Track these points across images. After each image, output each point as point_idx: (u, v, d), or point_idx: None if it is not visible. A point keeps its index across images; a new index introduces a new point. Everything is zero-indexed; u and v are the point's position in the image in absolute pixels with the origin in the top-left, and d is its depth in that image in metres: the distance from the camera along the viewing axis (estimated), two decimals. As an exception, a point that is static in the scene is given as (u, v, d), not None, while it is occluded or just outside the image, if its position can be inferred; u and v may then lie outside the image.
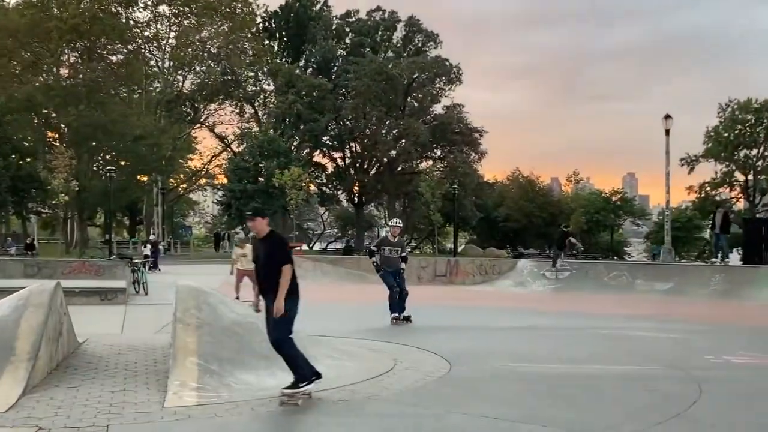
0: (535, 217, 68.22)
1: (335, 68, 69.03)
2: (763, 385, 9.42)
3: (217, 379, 8.42)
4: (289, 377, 8.17)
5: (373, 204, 77.68)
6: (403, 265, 15.70)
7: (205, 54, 64.59)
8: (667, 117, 35.60)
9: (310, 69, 69.32)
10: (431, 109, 68.80)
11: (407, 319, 15.56)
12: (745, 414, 7.79)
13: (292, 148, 63.61)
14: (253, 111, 69.33)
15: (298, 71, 66.52)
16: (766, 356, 11.85)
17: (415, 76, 65.76)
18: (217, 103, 68.49)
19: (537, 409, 7.81)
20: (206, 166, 73.56)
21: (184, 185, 75.93)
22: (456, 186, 56.41)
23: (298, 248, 46.18)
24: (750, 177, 61.37)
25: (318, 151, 69.55)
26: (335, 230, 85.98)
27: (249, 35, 65.73)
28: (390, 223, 16.45)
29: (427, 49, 70.93)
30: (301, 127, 64.25)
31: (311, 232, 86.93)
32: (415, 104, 67.78)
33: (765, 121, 59.12)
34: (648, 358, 11.26)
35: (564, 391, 8.84)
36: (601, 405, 8.15)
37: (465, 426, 7.05)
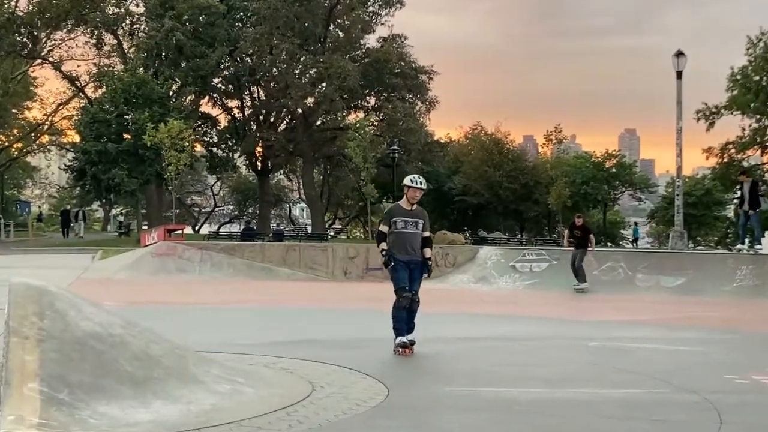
0: (502, 189, 68.81)
1: (230, -17, 68.52)
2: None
3: (67, 412, 8.31)
4: (170, 408, 8.12)
5: (282, 171, 77.47)
6: (427, 252, 13.76)
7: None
8: (680, 54, 36.22)
9: (196, -16, 68.61)
10: (362, 42, 68.64)
11: (412, 344, 13.59)
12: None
13: (171, 93, 62.75)
14: (115, 42, 68.14)
15: (178, -13, 65.87)
16: (806, 374, 12.21)
17: (339, -5, 65.74)
18: (64, 30, 67.18)
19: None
20: (50, 118, 72.21)
21: (19, 144, 74.43)
22: (396, 147, 56.52)
23: (179, 232, 45.72)
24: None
25: (207, 98, 68.80)
26: (231, 207, 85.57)
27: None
28: (406, 182, 13.77)
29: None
30: (183, 64, 63.36)
31: (198, 209, 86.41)
32: (340, 34, 67.52)
33: (808, 59, 60.36)
34: (651, 378, 11.48)
35: (538, 422, 8.96)
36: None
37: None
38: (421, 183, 13.63)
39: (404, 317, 13.46)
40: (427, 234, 13.71)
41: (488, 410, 9.47)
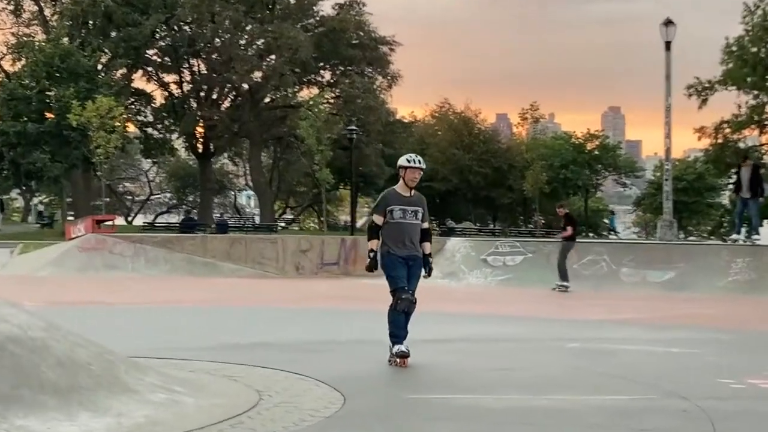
0: (473, 174, 68.99)
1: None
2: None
3: (-20, 428, 8.26)
4: (98, 421, 8.05)
5: (226, 155, 77.13)
6: (427, 247, 13.08)
7: None
8: (668, 23, 36.41)
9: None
10: (316, 9, 68.40)
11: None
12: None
13: (100, 67, 62.35)
14: (36, 9, 67.64)
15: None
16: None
17: (290, -45, 65.50)
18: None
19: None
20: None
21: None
22: (354, 127, 56.42)
23: (110, 223, 45.45)
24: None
25: (140, 72, 68.32)
26: (168, 195, 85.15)
27: None
28: (402, 162, 13.06)
29: None
30: (114, 34, 62.98)
31: (131, 198, 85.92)
32: (291, 1, 67.24)
33: (813, 29, 60.90)
34: (637, 383, 11.56)
35: (516, 430, 9.01)
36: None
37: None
38: (419, 162, 12.97)
39: (403, 322, 12.87)
40: (426, 225, 12.98)
41: (456, 420, 9.48)
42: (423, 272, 12.99)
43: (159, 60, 68.00)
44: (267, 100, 67.85)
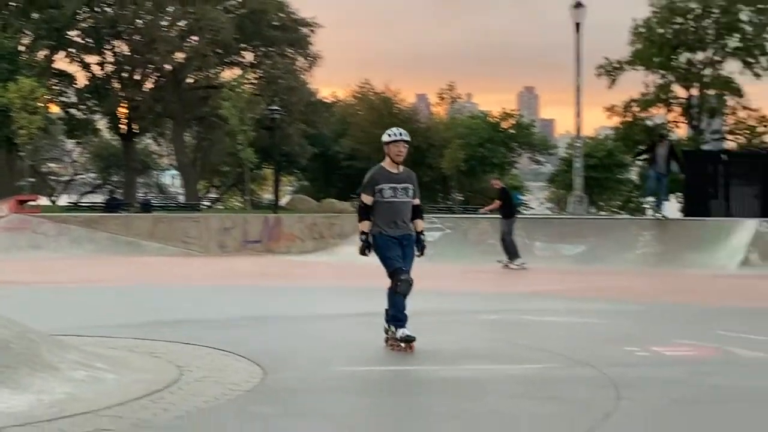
0: (393, 151, 69.05)
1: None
2: (703, 388, 9.97)
3: None
4: (19, 399, 7.97)
5: (150, 135, 76.35)
6: (420, 224, 12.20)
7: None
8: (578, 5, 36.66)
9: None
10: (237, -9, 68.03)
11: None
12: (676, 429, 8.23)
13: (20, 48, 61.40)
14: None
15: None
16: (710, 345, 12.58)
17: (210, -61, 64.98)
18: None
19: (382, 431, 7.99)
20: None
21: None
22: (276, 107, 56.21)
23: (33, 203, 44.84)
24: (694, 92, 64.14)
25: (62, 53, 67.31)
26: (92, 175, 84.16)
27: None
28: (384, 138, 12.11)
29: None
30: (35, 15, 62.12)
31: (55, 178, 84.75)
32: (213, -18, 66.81)
33: (715, 11, 61.63)
34: (550, 353, 11.68)
35: (428, 402, 9.05)
36: (481, 421, 8.39)
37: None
38: (402, 134, 11.92)
39: (404, 304, 11.97)
40: (417, 201, 12.02)
41: (375, 391, 9.52)
42: (417, 251, 12.14)
43: (81, 41, 66.93)
44: (190, 80, 67.33)
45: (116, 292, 20.66)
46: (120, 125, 69.06)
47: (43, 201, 63.19)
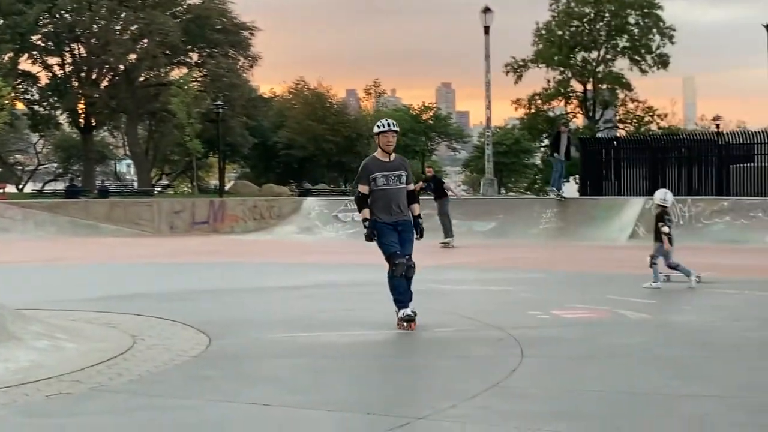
0: (326, 142, 68.83)
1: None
2: (596, 345, 10.13)
3: None
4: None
5: (106, 128, 75.48)
6: (416, 209, 11.36)
7: None
8: (487, 10, 36.80)
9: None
10: (183, -1, 67.39)
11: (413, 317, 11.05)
12: (572, 381, 8.33)
13: (-12, 51, 60.46)
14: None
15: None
16: (602, 308, 12.75)
17: (158, -49, 64.26)
18: None
19: (320, 390, 7.98)
20: None
21: None
22: (220, 102, 55.86)
23: (1, 190, 44.31)
24: (589, 87, 64.78)
25: (26, 55, 66.28)
26: (55, 165, 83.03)
27: None
28: (375, 129, 11.26)
29: None
30: (0, 22, 61.11)
31: (21, 168, 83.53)
32: (161, -9, 66.09)
33: (607, 15, 62.31)
34: (462, 317, 11.78)
35: (356, 363, 9.09)
36: (404, 378, 8.45)
37: (223, 417, 7.07)
38: (390, 125, 11.13)
39: (404, 287, 11.16)
40: (412, 186, 11.24)
41: (306, 355, 9.52)
42: (416, 234, 11.33)
43: (43, 44, 65.98)
44: (141, 79, 66.60)
45: (76, 270, 20.43)
46: (79, 120, 68.22)
47: (10, 188, 62.36)
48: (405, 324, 10.78)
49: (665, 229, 15.49)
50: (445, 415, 7.06)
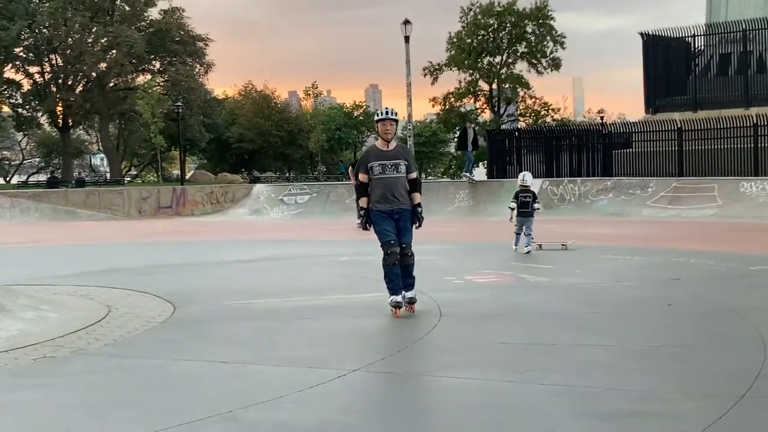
0: (272, 136, 68.45)
1: (26, -34, 64.82)
2: (502, 304, 10.25)
3: None
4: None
5: (82, 127, 74.26)
6: (416, 197, 9.61)
7: None
8: (407, 23, 36.83)
9: (-6, -34, 64.52)
10: (146, 14, 66.18)
11: (411, 302, 9.68)
12: (481, 335, 8.42)
13: (-25, 62, 59.12)
14: None
15: (-22, -32, 61.83)
16: (506, 273, 12.91)
17: (124, -25, 63.26)
18: None
19: (270, 348, 7.98)
20: None
21: None
22: (180, 104, 55.26)
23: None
24: (494, 86, 65.13)
25: (10, 65, 64.94)
26: (37, 159, 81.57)
27: None
28: (375, 118, 9.86)
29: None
30: (-14, 36, 59.86)
31: (8, 162, 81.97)
32: (126, 8, 64.87)
33: (508, 26, 62.63)
34: (390, 284, 11.82)
35: (302, 325, 9.09)
36: (339, 337, 8.47)
37: (193, 373, 7.06)
38: (389, 113, 9.56)
39: (395, 274, 9.55)
40: (413, 175, 9.58)
41: (258, 319, 9.51)
42: (415, 223, 9.70)
43: (24, 55, 64.66)
44: (111, 84, 65.53)
45: (57, 250, 20.11)
46: (58, 120, 67.05)
47: (-1, 181, 61.18)
48: (393, 309, 9.39)
49: (536, 206, 16.34)
50: (375, 366, 7.11)
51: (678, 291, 11.06)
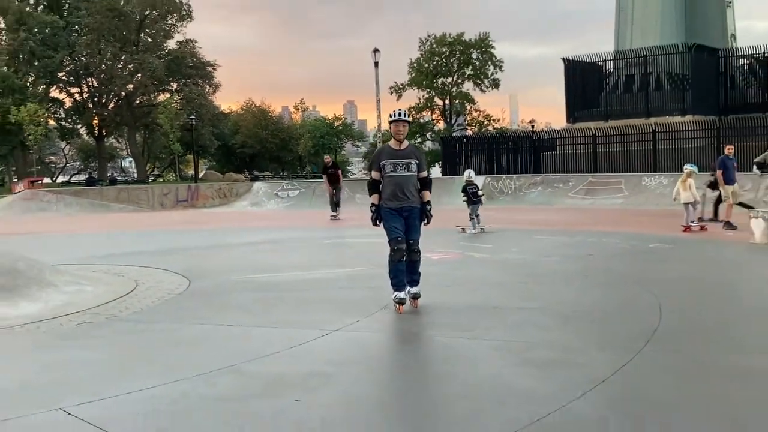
0: (268, 143, 68.17)
1: (67, 5, 63.58)
2: (453, 276, 10.29)
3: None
4: (33, 305, 7.67)
5: (113, 136, 73.50)
6: (426, 196, 8.09)
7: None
8: (376, 51, 36.77)
9: (41, 6, 63.25)
10: (165, 45, 65.44)
11: (415, 298, 8.12)
12: (438, 302, 8.44)
13: (28, 84, 58.12)
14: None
15: (28, 8, 60.66)
16: (456, 251, 12.94)
17: (146, 12, 62.28)
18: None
19: (270, 314, 7.96)
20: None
21: None
22: (193, 117, 54.83)
23: (40, 182, 42.89)
24: (447, 101, 65.10)
25: (54, 86, 63.95)
26: (78, 163, 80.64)
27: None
28: (389, 117, 8.18)
29: (156, -13, 67.52)
30: (36, 63, 58.78)
31: (54, 165, 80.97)
32: (149, 40, 64.11)
33: (457, 53, 62.64)
34: (365, 261, 11.79)
35: (294, 295, 9.07)
36: (325, 304, 8.47)
37: (205, 335, 7.04)
38: (401, 115, 8.05)
39: (399, 270, 8.09)
40: (424, 174, 8.11)
41: (257, 291, 9.48)
42: (424, 221, 8.21)
43: (66, 79, 63.88)
44: (137, 101, 64.80)
45: (93, 236, 19.92)
46: (94, 131, 66.40)
47: (47, 180, 60.38)
48: (396, 305, 7.91)
49: (480, 193, 16.87)
50: (353, 326, 7.12)
51: (592, 264, 11.16)
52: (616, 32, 39.34)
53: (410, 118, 7.64)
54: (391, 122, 8.04)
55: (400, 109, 8.15)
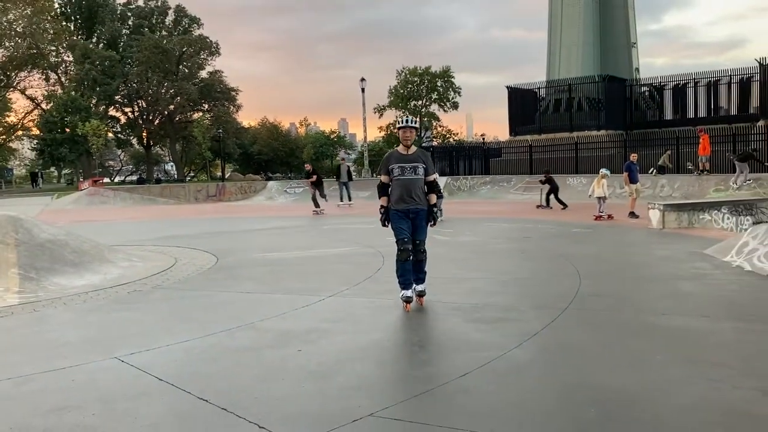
0: (279, 151, 67.83)
1: (122, 43, 62.80)
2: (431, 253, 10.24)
3: (35, 284, 7.62)
4: (95, 277, 7.58)
5: (158, 146, 72.80)
6: (432, 198, 6.52)
7: (12, 32, 56.67)
8: (363, 79, 36.59)
9: (102, 44, 62.39)
10: (198, 74, 64.79)
11: (420, 295, 6.66)
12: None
13: (91, 105, 57.29)
14: (56, 77, 61.34)
15: (91, 46, 59.86)
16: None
17: (184, 49, 61.61)
18: (26, 71, 59.92)
19: (280, 282, 7.94)
20: (21, 121, 64.39)
21: (4, 137, 66.11)
22: (221, 131, 54.42)
23: (101, 181, 42.41)
24: (418, 119, 64.98)
25: (112, 107, 63.21)
26: (131, 166, 79.84)
27: (49, 18, 58.57)
28: (398, 124, 6.54)
29: (192, 29, 66.67)
30: (97, 89, 58.00)
31: (112, 168, 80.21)
32: (186, 71, 63.39)
33: (426, 81, 62.57)
34: (353, 242, 11.74)
35: (298, 269, 9.04)
36: (324, 275, 8.44)
37: (229, 300, 7.01)
38: (409, 121, 6.47)
39: (409, 269, 6.57)
40: (431, 177, 6.51)
41: (270, 265, 9.44)
42: (430, 222, 6.56)
43: (121, 101, 63.10)
44: (177, 119, 64.21)
45: (142, 224, 19.71)
46: (143, 142, 65.80)
47: (106, 180, 59.71)
48: (403, 303, 6.45)
49: (440, 187, 16.24)
50: (343, 293, 7.09)
51: (528, 244, 11.20)
52: (548, 65, 39.47)
53: (417, 125, 6.52)
54: (399, 128, 6.53)
55: (408, 117, 6.68)
